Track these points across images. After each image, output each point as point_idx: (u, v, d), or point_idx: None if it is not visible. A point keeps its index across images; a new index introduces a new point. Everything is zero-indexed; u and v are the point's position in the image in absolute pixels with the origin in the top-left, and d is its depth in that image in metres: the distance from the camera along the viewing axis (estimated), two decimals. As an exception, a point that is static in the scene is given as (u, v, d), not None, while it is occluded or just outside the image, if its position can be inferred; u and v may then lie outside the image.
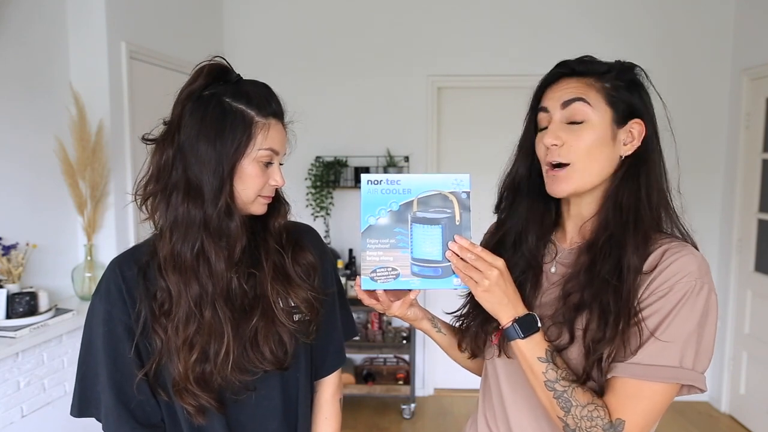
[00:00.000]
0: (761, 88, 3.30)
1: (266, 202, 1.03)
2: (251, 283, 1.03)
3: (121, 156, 2.65)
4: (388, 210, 0.91)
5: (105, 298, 0.99)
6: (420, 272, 0.91)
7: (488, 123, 3.69)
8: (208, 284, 0.96)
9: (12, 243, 2.19)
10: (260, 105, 0.97)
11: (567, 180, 0.93)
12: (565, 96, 0.93)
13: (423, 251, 0.91)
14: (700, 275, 0.86)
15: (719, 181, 3.64)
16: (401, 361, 3.75)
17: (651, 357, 0.84)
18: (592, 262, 0.92)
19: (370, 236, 0.91)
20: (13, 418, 1.99)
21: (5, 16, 2.20)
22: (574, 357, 0.91)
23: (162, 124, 1.00)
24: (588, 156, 0.92)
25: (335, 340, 1.18)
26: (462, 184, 0.91)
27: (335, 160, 3.60)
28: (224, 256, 0.97)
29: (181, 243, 0.96)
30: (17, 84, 2.28)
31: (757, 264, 3.34)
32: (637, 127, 0.93)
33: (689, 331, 0.84)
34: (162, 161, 0.97)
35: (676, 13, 3.58)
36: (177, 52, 3.05)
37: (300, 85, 3.62)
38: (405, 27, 3.66)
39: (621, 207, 0.92)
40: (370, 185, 0.92)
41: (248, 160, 0.97)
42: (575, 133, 0.92)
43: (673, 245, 0.89)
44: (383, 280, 0.92)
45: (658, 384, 0.84)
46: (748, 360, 3.39)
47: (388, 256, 0.91)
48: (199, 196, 0.95)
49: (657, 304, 0.86)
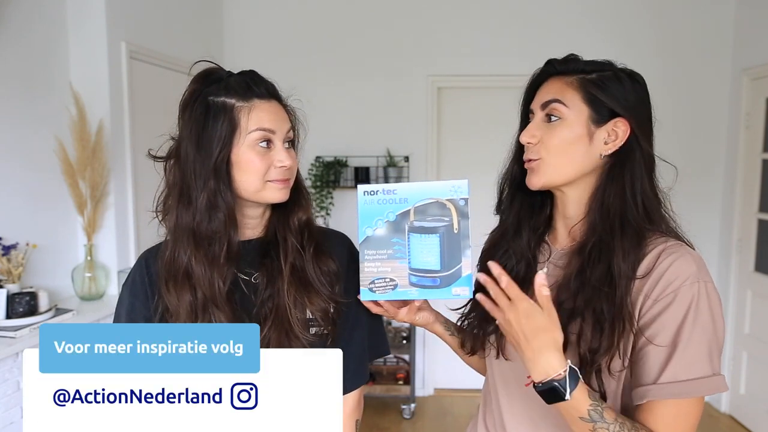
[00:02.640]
0: (761, 88, 3.30)
1: (282, 187, 0.98)
2: (268, 291, 0.99)
3: (121, 156, 2.64)
4: (385, 221, 0.90)
5: (130, 289, 1.02)
6: (418, 282, 0.91)
7: (488, 123, 3.69)
8: (199, 292, 0.95)
9: (12, 243, 2.19)
10: (241, 91, 0.95)
11: (537, 173, 0.94)
12: (544, 98, 0.95)
13: (421, 261, 0.90)
14: (700, 275, 0.84)
15: (719, 181, 3.64)
16: (401, 361, 3.75)
17: (684, 372, 0.81)
18: (581, 268, 0.90)
19: (367, 247, 0.91)
20: (13, 418, 1.99)
21: (5, 16, 2.20)
22: None
23: (170, 140, 1.01)
24: (559, 152, 0.93)
25: (356, 357, 1.05)
26: (460, 191, 0.90)
27: (335, 160, 3.60)
28: (207, 258, 0.95)
29: (176, 252, 0.96)
30: (17, 84, 2.28)
31: (757, 264, 3.33)
32: (621, 126, 0.92)
33: (708, 336, 0.83)
34: (171, 177, 0.98)
35: (675, 13, 3.58)
36: (177, 52, 3.05)
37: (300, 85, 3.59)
38: (405, 27, 3.66)
39: (608, 210, 0.92)
40: (367, 196, 0.91)
41: (240, 147, 0.94)
42: (548, 131, 0.94)
43: (668, 246, 0.88)
44: (381, 291, 0.91)
45: (697, 398, 0.82)
46: (748, 360, 3.39)
47: (386, 267, 0.91)
48: (189, 200, 0.95)
49: (665, 314, 0.83)
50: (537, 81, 1.00)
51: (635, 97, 0.93)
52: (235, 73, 1.00)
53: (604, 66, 0.95)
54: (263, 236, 1.05)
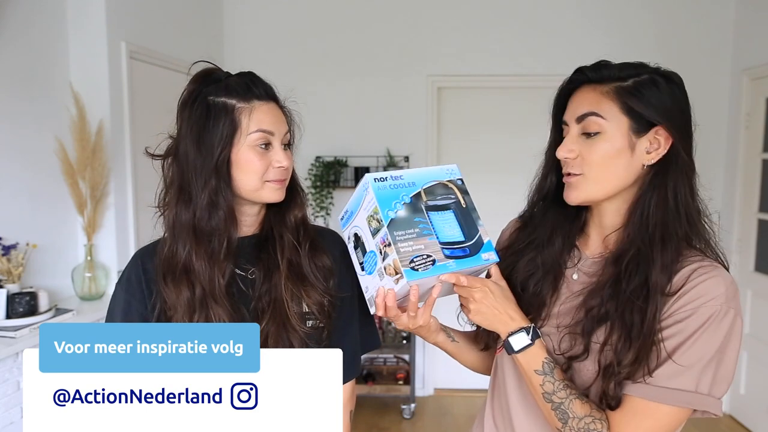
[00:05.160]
0: (761, 88, 3.30)
1: (279, 187, 1.01)
2: (265, 285, 1.01)
3: (121, 156, 2.64)
4: (402, 203, 0.92)
5: (125, 287, 1.02)
6: (452, 254, 0.92)
7: (488, 123, 3.70)
8: (197, 287, 0.96)
9: (12, 243, 2.19)
10: (241, 92, 0.97)
11: (578, 188, 0.92)
12: (579, 110, 0.91)
13: (447, 235, 0.93)
14: (727, 299, 0.82)
15: (719, 181, 3.64)
16: (401, 361, 3.75)
17: (666, 379, 0.82)
18: (617, 278, 0.88)
19: (395, 229, 0.90)
20: (14, 418, 1.99)
21: (5, 16, 2.20)
22: (587, 370, 0.89)
23: (168, 138, 1.02)
24: (601, 167, 0.90)
25: (350, 351, 1.11)
26: (454, 173, 0.97)
27: (335, 160, 3.60)
28: (207, 254, 0.96)
29: (174, 247, 0.97)
30: (17, 84, 2.28)
31: (757, 264, 3.33)
32: (663, 133, 0.88)
33: (709, 356, 0.81)
34: (170, 174, 1.00)
35: (676, 13, 3.58)
36: (177, 52, 3.05)
37: (300, 85, 3.58)
38: (405, 27, 3.66)
39: (648, 220, 0.89)
40: (378, 182, 0.93)
41: (240, 147, 0.96)
42: (588, 146, 0.90)
43: (703, 265, 0.86)
44: (423, 269, 0.89)
45: (669, 407, 0.82)
46: (748, 360, 3.39)
47: (419, 244, 0.91)
48: (189, 198, 0.97)
49: (678, 325, 0.83)
50: (567, 90, 0.96)
51: (672, 101, 0.89)
52: (233, 74, 1.01)
53: (639, 70, 0.90)
54: (259, 232, 1.07)
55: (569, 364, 0.91)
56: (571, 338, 0.91)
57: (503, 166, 3.54)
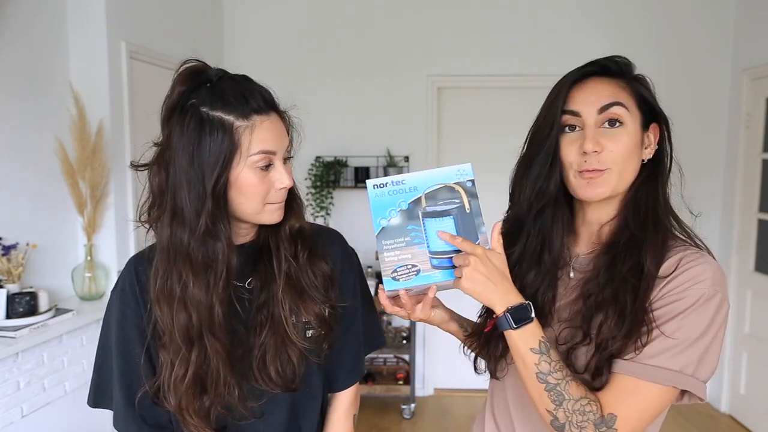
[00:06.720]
0: (761, 88, 3.30)
1: (278, 208, 0.95)
2: (263, 297, 0.98)
3: (121, 156, 2.64)
4: (398, 210, 0.91)
5: (120, 296, 0.99)
6: (440, 264, 0.91)
7: (488, 123, 3.70)
8: (194, 316, 0.91)
9: (12, 243, 2.19)
10: (238, 106, 0.88)
11: (604, 184, 0.90)
12: (603, 100, 0.89)
13: (439, 243, 0.91)
14: (714, 283, 0.84)
15: (719, 181, 3.64)
16: (401, 361, 3.75)
17: (653, 358, 0.83)
18: (612, 262, 0.91)
19: (384, 238, 0.91)
20: (13, 418, 1.99)
21: (5, 16, 2.20)
22: (582, 354, 0.90)
23: (153, 146, 0.94)
24: (626, 161, 0.90)
25: (352, 354, 1.09)
26: (465, 174, 0.92)
27: (335, 160, 3.60)
28: (204, 284, 0.90)
29: (169, 273, 0.91)
30: (17, 84, 2.28)
31: (757, 264, 3.34)
32: (654, 129, 0.93)
33: (695, 337, 0.83)
34: (156, 185, 0.92)
35: (676, 13, 3.58)
36: (177, 52, 3.04)
37: (300, 86, 3.62)
38: (405, 27, 3.66)
39: (640, 208, 0.92)
40: (377, 189, 0.91)
41: (240, 170, 0.89)
42: (613, 138, 0.89)
43: (689, 252, 0.88)
44: (405, 279, 0.91)
45: (657, 386, 0.83)
46: (748, 360, 3.39)
47: (406, 254, 0.91)
48: (182, 220, 0.89)
49: (666, 307, 0.85)
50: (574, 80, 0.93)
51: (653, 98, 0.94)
52: (223, 75, 0.93)
53: (632, 65, 0.94)
54: (255, 240, 1.03)
55: (567, 354, 0.91)
56: (570, 330, 0.92)
57: (503, 166, 3.49)
